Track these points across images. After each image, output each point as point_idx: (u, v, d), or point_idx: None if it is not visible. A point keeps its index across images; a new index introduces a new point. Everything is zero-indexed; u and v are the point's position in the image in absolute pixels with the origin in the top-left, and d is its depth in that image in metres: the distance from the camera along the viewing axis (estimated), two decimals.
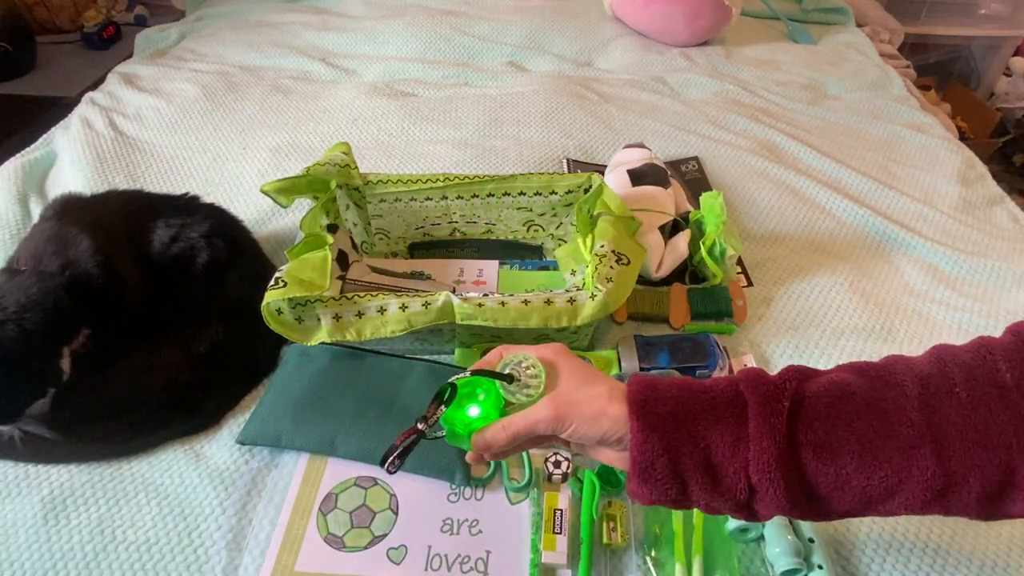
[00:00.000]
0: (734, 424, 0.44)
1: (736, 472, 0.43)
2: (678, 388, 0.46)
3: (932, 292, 0.95)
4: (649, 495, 0.45)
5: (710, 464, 0.44)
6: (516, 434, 0.48)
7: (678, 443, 0.44)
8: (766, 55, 1.57)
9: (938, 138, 1.28)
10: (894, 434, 0.42)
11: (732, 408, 0.44)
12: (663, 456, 0.44)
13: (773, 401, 0.44)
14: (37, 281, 0.73)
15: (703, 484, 0.44)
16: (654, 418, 0.44)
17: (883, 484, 0.42)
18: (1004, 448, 0.40)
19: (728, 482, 0.44)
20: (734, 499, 0.44)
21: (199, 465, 0.71)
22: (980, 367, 0.43)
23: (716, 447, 0.44)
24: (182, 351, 0.77)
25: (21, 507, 0.67)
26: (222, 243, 0.85)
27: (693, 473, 0.44)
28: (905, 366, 0.45)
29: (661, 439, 0.44)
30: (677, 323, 0.87)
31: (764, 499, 0.43)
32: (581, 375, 0.49)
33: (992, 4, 2.13)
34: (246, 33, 1.62)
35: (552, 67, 1.51)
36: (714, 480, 0.44)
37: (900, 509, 0.43)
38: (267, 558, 0.63)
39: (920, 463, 0.41)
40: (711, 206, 0.90)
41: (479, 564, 0.63)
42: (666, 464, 0.44)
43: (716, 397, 0.45)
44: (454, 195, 0.90)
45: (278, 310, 0.73)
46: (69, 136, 1.23)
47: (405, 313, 0.72)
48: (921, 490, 0.41)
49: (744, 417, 0.44)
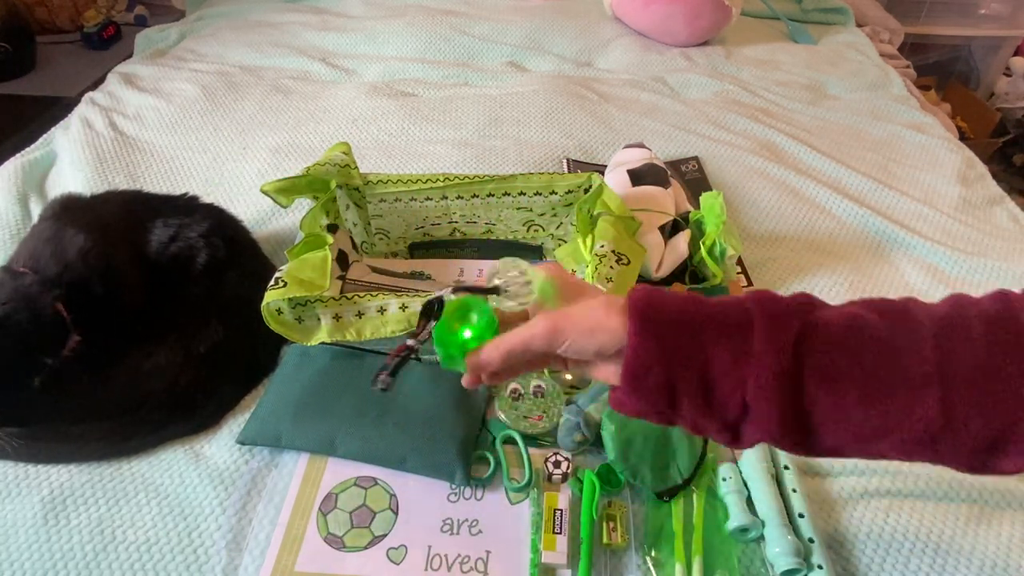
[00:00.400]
0: (739, 339, 0.42)
1: (733, 388, 0.42)
2: (683, 299, 0.45)
3: (932, 292, 0.95)
4: (636, 404, 0.44)
5: (707, 376, 0.42)
6: (510, 351, 0.45)
7: (677, 351, 0.42)
8: (766, 55, 1.57)
9: (938, 138, 1.28)
10: (903, 371, 0.40)
11: (738, 323, 0.43)
12: (659, 363, 0.42)
13: (783, 320, 0.42)
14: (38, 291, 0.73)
15: (695, 399, 0.42)
16: (654, 324, 0.43)
17: (881, 421, 0.40)
18: (1012, 397, 0.39)
19: (722, 398, 0.42)
20: (724, 417, 0.43)
21: (199, 465, 0.71)
22: (1000, 312, 0.42)
23: (716, 360, 0.42)
24: (182, 351, 0.77)
25: (21, 507, 0.67)
26: (221, 243, 0.85)
27: (687, 384, 0.42)
28: (923, 307, 0.44)
29: (659, 345, 0.42)
30: None
31: (755, 420, 0.42)
32: (574, 290, 0.48)
33: (992, 4, 2.13)
34: (246, 33, 1.62)
35: (552, 67, 1.51)
36: (708, 396, 0.42)
37: (890, 451, 0.42)
38: (267, 558, 0.63)
39: (924, 402, 0.40)
40: (711, 206, 0.90)
41: (479, 564, 0.63)
42: (661, 371, 0.42)
43: (723, 311, 0.44)
44: (454, 195, 0.90)
45: (278, 310, 0.73)
46: (69, 136, 1.23)
47: (405, 313, 0.72)
48: (919, 432, 0.40)
49: (750, 333, 0.42)
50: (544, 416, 0.74)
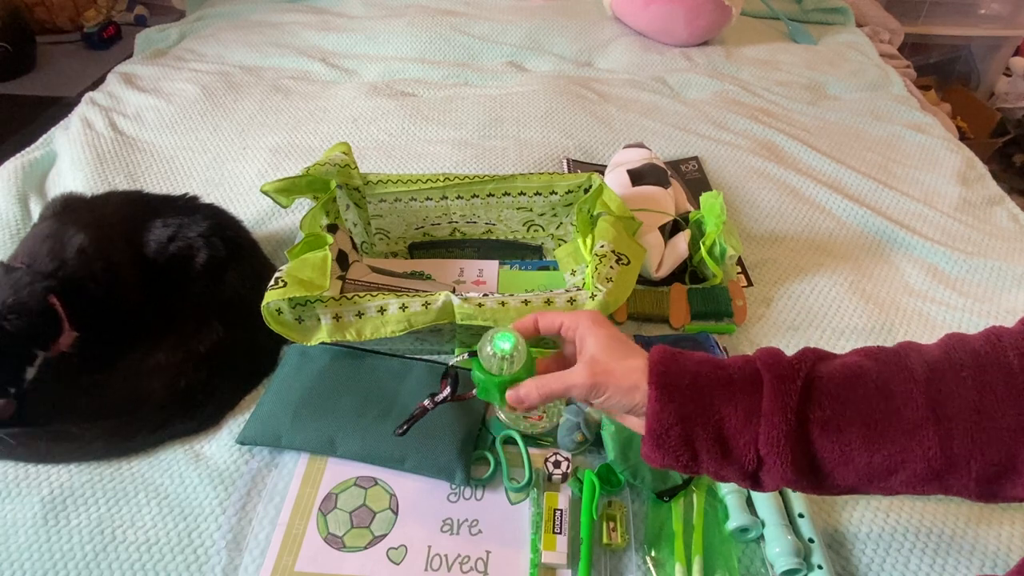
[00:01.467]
0: (748, 399, 0.46)
1: (746, 444, 0.46)
2: (697, 362, 0.49)
3: (932, 292, 0.95)
4: (661, 459, 0.48)
5: (722, 435, 0.46)
6: (550, 394, 0.51)
7: (693, 414, 0.46)
8: (766, 55, 1.57)
9: (938, 138, 1.28)
10: (899, 415, 0.44)
11: (748, 384, 0.47)
12: (677, 425, 0.46)
13: (787, 380, 0.46)
14: (29, 282, 0.73)
15: (714, 454, 0.47)
16: (672, 389, 0.47)
17: (885, 462, 0.44)
18: (1008, 432, 0.42)
19: (738, 453, 0.46)
20: (742, 469, 0.46)
21: (199, 465, 0.71)
22: (989, 353, 0.44)
23: (729, 420, 0.46)
24: (182, 351, 0.77)
25: (21, 507, 0.67)
26: (221, 243, 0.85)
27: (704, 443, 0.47)
28: (916, 351, 0.47)
29: (677, 409, 0.46)
30: (677, 323, 0.87)
31: (771, 471, 0.46)
32: (616, 345, 0.51)
33: (992, 4, 2.13)
34: (246, 33, 1.62)
35: (552, 67, 1.51)
36: (724, 450, 0.46)
37: (900, 487, 0.45)
38: (267, 558, 0.63)
39: (923, 443, 0.43)
40: (711, 206, 0.90)
41: (479, 564, 0.63)
42: (679, 433, 0.47)
43: (733, 373, 0.48)
44: (454, 195, 0.90)
45: (278, 310, 0.73)
46: (69, 136, 1.23)
47: (405, 313, 0.72)
48: (922, 470, 0.43)
49: (759, 394, 0.46)
50: (544, 416, 0.74)
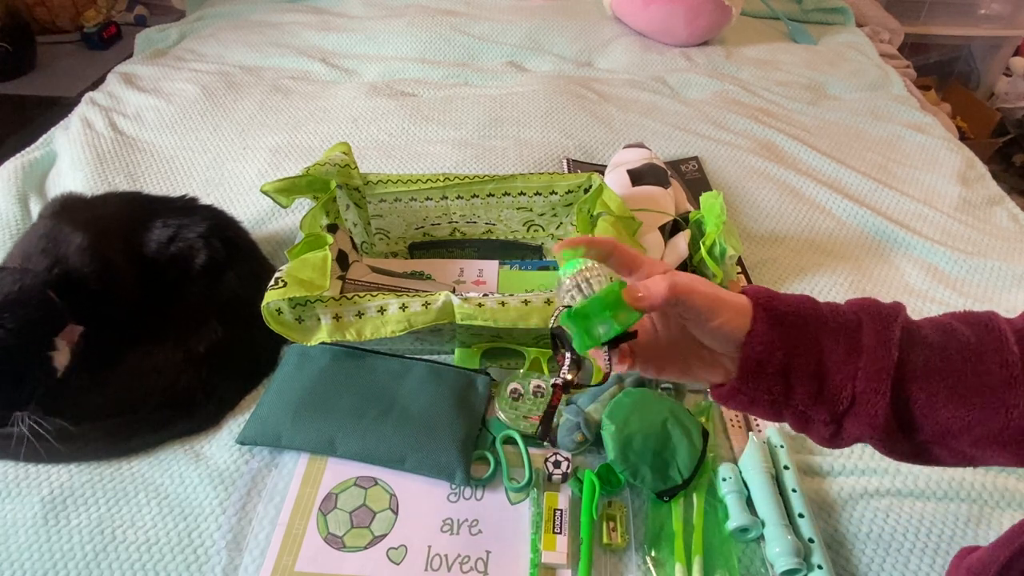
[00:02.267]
0: (850, 336, 0.45)
1: (844, 379, 0.45)
2: (799, 300, 0.48)
3: (932, 292, 0.95)
4: (751, 392, 0.46)
5: (821, 367, 0.45)
6: (676, 285, 0.45)
7: (797, 341, 0.45)
8: (766, 55, 1.57)
9: (938, 138, 1.28)
10: (987, 372, 0.44)
11: (848, 322, 0.46)
12: (781, 349, 0.45)
13: (887, 322, 0.46)
14: (19, 279, 0.73)
15: (809, 386, 0.45)
16: (779, 315, 0.46)
17: (967, 416, 0.44)
18: None
19: (833, 388, 0.45)
20: (833, 408, 0.45)
21: (199, 465, 0.71)
22: None
23: (830, 352, 0.45)
24: (181, 351, 0.77)
25: (21, 507, 0.67)
26: (219, 244, 0.85)
27: (802, 374, 0.45)
28: (1004, 318, 0.47)
29: (782, 335, 0.45)
30: None
31: (862, 411, 0.45)
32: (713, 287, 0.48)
33: (992, 4, 2.13)
34: (246, 33, 1.62)
35: (552, 67, 1.51)
36: (820, 386, 0.45)
37: (978, 449, 0.45)
38: (267, 558, 0.63)
39: (1009, 400, 0.43)
40: (711, 206, 0.90)
41: (479, 564, 0.63)
42: (780, 360, 0.45)
43: (833, 310, 0.47)
44: (454, 195, 0.90)
45: (278, 310, 0.73)
46: (69, 136, 1.23)
47: (405, 313, 0.72)
48: (1007, 427, 0.43)
49: (859, 330, 0.46)
50: None
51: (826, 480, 0.71)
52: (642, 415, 0.70)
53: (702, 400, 0.78)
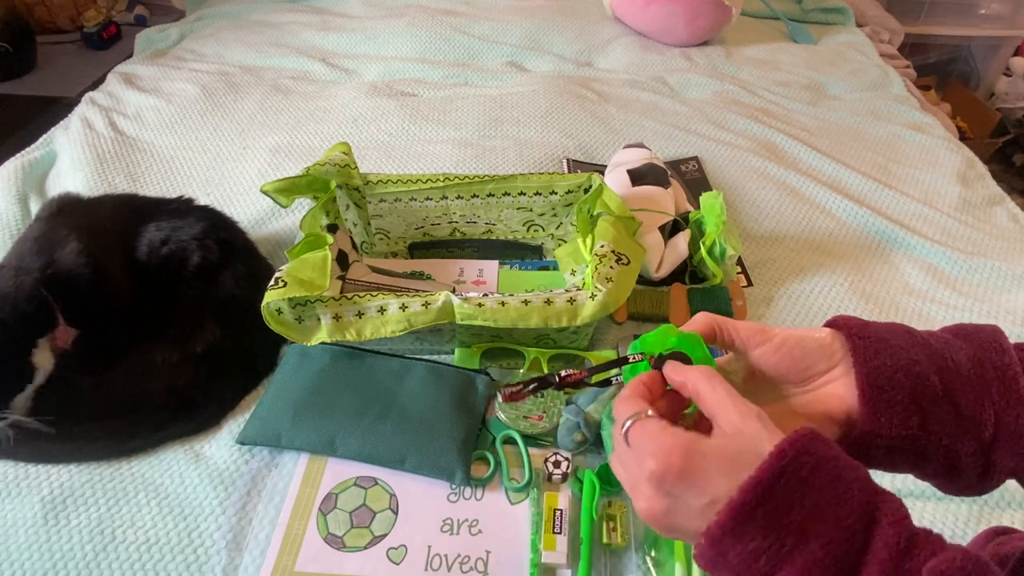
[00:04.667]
0: (972, 347, 0.40)
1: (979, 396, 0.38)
2: (887, 325, 0.42)
3: (932, 292, 0.95)
4: (887, 425, 0.39)
5: (946, 379, 0.38)
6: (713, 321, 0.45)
7: (912, 356, 0.39)
8: (766, 55, 1.57)
9: (938, 138, 1.28)
10: None
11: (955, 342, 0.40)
12: (899, 372, 0.39)
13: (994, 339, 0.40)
14: (13, 276, 0.73)
15: (951, 415, 0.38)
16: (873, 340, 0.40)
17: None
18: None
19: (968, 406, 0.38)
20: (979, 436, 0.39)
21: (199, 465, 0.71)
22: None
23: (962, 364, 0.38)
24: (178, 352, 0.77)
25: (21, 507, 0.67)
26: (215, 244, 0.85)
27: (931, 394, 0.38)
28: None
29: (892, 355, 0.39)
30: (677, 323, 0.86)
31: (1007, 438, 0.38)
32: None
33: (992, 4, 2.13)
34: (246, 33, 1.62)
35: (552, 67, 1.51)
36: (954, 403, 0.38)
37: None
38: (267, 558, 0.63)
39: None
40: (711, 206, 0.90)
41: (479, 564, 0.63)
42: (904, 380, 0.38)
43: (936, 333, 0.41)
44: (454, 195, 0.90)
45: (278, 310, 0.73)
46: (69, 136, 1.23)
47: (405, 313, 0.72)
48: None
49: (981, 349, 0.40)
50: (544, 416, 0.74)
51: None
52: None
53: None
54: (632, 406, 0.40)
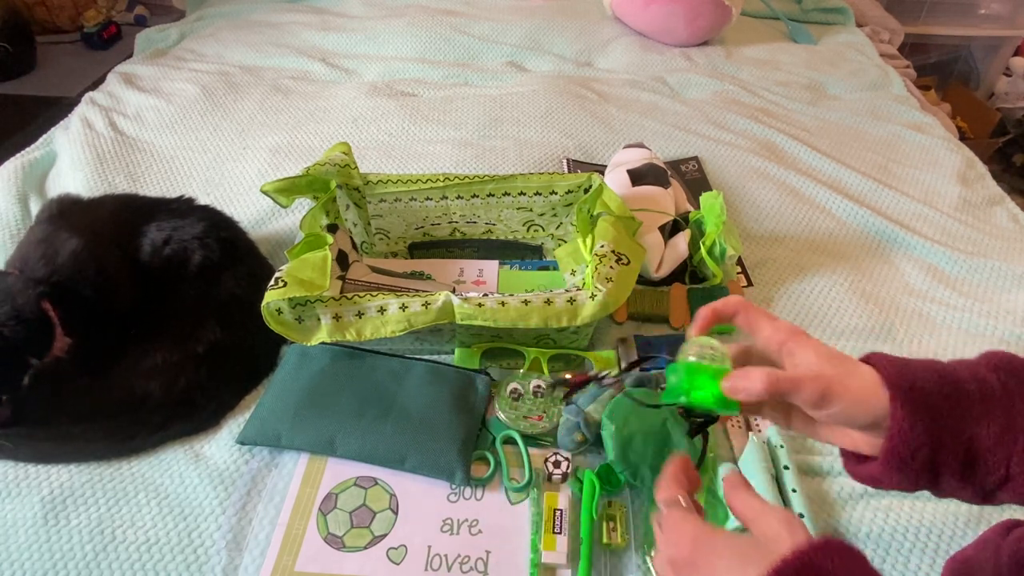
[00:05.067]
0: (1002, 415, 0.42)
1: (997, 463, 0.42)
2: (937, 375, 0.44)
3: (932, 292, 0.95)
4: (894, 482, 0.44)
5: (972, 453, 0.42)
6: (777, 382, 0.44)
7: (942, 434, 0.42)
8: (766, 55, 1.57)
9: (938, 138, 1.28)
10: None
11: (995, 394, 0.43)
12: (925, 447, 0.42)
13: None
14: (22, 288, 0.73)
15: (957, 472, 0.43)
16: (920, 406, 0.42)
17: None
18: None
19: (985, 470, 0.42)
20: (983, 487, 0.43)
21: (199, 465, 0.71)
22: None
23: (981, 439, 0.42)
24: (179, 352, 0.77)
25: (21, 507, 0.67)
26: (216, 244, 0.85)
27: (951, 464, 0.43)
28: None
29: (927, 428, 0.42)
30: (677, 323, 0.87)
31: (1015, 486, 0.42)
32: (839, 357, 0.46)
33: (992, 4, 2.13)
34: (246, 33, 1.62)
35: (552, 67, 1.51)
36: (971, 468, 0.43)
37: None
38: (267, 558, 0.63)
39: None
40: (711, 206, 0.90)
41: (479, 564, 0.63)
42: (926, 455, 0.42)
43: (976, 380, 0.44)
44: (454, 195, 0.90)
45: (278, 310, 0.73)
46: (69, 136, 1.23)
47: (405, 313, 0.72)
48: None
49: (1012, 408, 0.42)
50: (544, 416, 0.74)
51: (826, 480, 0.71)
52: (642, 415, 0.70)
53: None
54: (668, 493, 0.47)
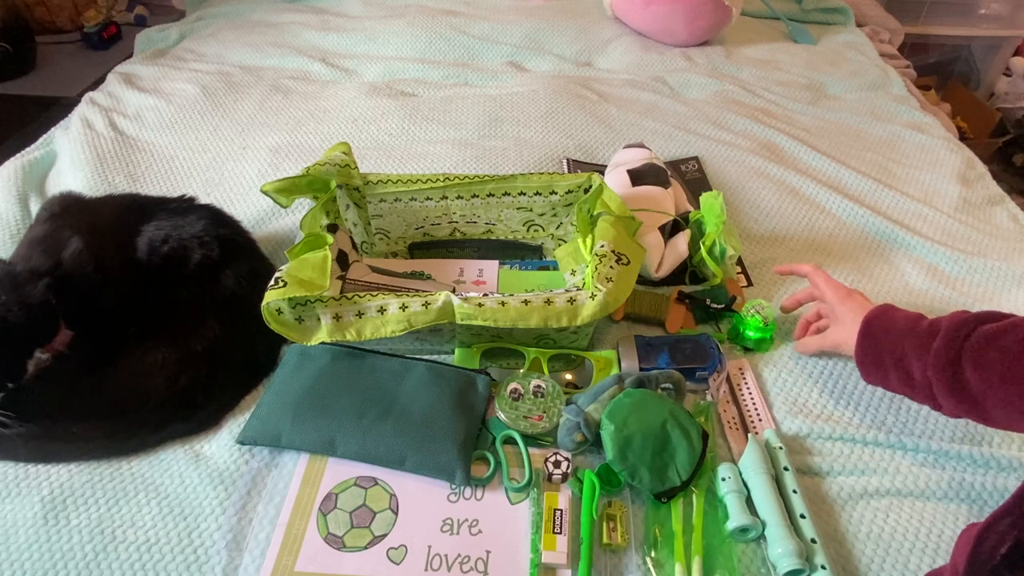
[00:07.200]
0: (927, 341, 0.65)
1: (922, 372, 0.66)
2: (904, 317, 0.70)
3: (932, 292, 0.95)
4: (865, 375, 0.73)
5: (905, 367, 0.68)
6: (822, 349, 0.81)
7: (885, 354, 0.70)
8: (766, 55, 1.57)
9: (938, 138, 1.28)
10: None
11: (931, 332, 0.66)
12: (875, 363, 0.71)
13: (960, 327, 0.64)
14: (27, 278, 0.73)
15: (899, 377, 0.69)
16: (873, 338, 0.71)
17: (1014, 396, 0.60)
18: None
19: (918, 378, 0.66)
20: (922, 389, 0.66)
21: (199, 465, 0.71)
22: None
23: (912, 358, 0.67)
24: (179, 350, 0.77)
25: (21, 507, 0.67)
26: (215, 243, 0.85)
27: (895, 372, 0.69)
28: None
29: (875, 353, 0.71)
30: (673, 328, 0.86)
31: (939, 390, 0.64)
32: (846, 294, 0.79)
33: (992, 4, 2.13)
34: (246, 33, 1.62)
35: (552, 67, 1.51)
36: (908, 377, 0.68)
37: None
38: (267, 558, 0.63)
39: None
40: (711, 206, 0.90)
41: (479, 564, 0.63)
42: (875, 365, 0.71)
43: (926, 326, 0.67)
44: (454, 195, 0.90)
45: (278, 310, 0.73)
46: (69, 136, 1.23)
47: (405, 313, 0.72)
48: None
49: (933, 339, 0.65)
50: (544, 416, 0.74)
51: (826, 480, 0.71)
52: (641, 416, 0.70)
53: (701, 401, 0.78)
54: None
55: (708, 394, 0.78)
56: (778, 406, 0.78)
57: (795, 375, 0.82)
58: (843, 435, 0.75)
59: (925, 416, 0.77)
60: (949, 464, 0.73)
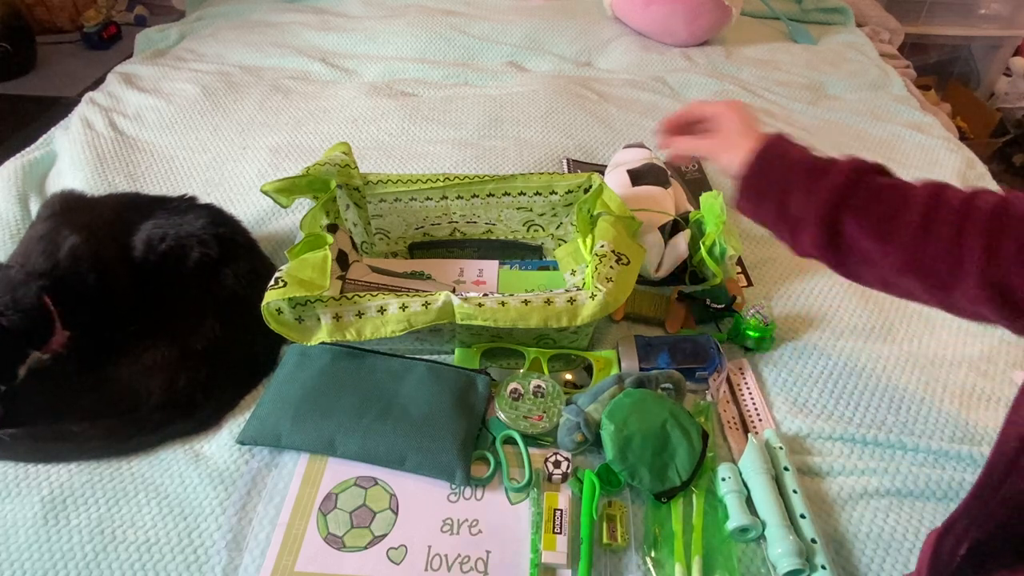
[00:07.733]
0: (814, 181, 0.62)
1: (801, 206, 0.62)
2: (799, 149, 0.66)
3: None
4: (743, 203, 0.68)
5: (783, 201, 0.64)
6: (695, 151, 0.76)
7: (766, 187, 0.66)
8: (766, 55, 1.57)
9: (938, 138, 1.28)
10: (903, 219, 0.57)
11: (824, 171, 0.62)
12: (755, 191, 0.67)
13: (856, 174, 0.61)
14: (24, 280, 0.74)
15: (778, 212, 0.64)
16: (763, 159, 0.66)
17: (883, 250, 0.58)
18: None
19: (793, 212, 0.63)
20: (791, 227, 0.63)
21: (199, 465, 0.71)
22: None
23: (795, 192, 0.63)
24: (178, 349, 0.77)
25: (21, 507, 0.67)
26: (214, 241, 0.85)
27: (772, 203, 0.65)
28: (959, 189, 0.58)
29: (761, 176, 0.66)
30: (673, 328, 0.86)
31: (806, 230, 0.62)
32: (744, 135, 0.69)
33: (992, 4, 2.13)
34: (246, 33, 1.62)
35: (552, 67, 1.51)
36: (784, 211, 0.64)
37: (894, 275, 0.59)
38: (267, 558, 0.63)
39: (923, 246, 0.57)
40: (711, 206, 0.90)
41: (479, 564, 0.63)
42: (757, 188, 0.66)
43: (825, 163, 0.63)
44: (454, 195, 0.90)
45: (278, 310, 0.73)
46: (69, 136, 1.23)
47: (405, 313, 0.72)
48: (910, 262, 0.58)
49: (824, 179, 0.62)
50: (544, 416, 0.74)
51: (826, 480, 0.71)
52: (642, 416, 0.70)
53: (701, 401, 0.78)
54: None
55: (708, 394, 0.78)
56: (778, 406, 0.78)
57: (795, 375, 0.82)
58: (843, 435, 0.75)
59: (925, 416, 0.77)
60: (949, 464, 0.73)
